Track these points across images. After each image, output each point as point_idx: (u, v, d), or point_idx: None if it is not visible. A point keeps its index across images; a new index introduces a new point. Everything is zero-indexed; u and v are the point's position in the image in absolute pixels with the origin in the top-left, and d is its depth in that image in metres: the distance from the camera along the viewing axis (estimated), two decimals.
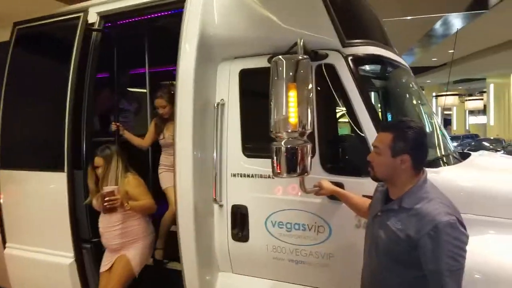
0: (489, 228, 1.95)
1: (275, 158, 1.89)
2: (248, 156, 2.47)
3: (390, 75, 2.68)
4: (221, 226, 2.55)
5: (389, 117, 2.78)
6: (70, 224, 2.80)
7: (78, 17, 2.91)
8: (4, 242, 3.18)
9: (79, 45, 2.83)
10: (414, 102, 2.95)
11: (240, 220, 2.49)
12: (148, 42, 3.57)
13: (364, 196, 2.07)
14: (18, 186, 3.09)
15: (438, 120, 2.99)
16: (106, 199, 2.52)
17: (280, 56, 1.88)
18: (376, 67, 2.58)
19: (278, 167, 1.89)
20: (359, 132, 2.19)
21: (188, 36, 2.46)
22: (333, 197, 2.19)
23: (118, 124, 3.26)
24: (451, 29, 9.52)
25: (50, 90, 3.03)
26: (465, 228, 1.53)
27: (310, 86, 1.91)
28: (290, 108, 1.86)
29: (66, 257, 2.86)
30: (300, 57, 1.90)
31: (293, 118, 1.86)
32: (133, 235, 2.79)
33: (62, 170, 2.79)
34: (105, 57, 3.14)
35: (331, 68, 2.28)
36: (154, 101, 3.23)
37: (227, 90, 2.56)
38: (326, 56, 2.29)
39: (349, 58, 2.27)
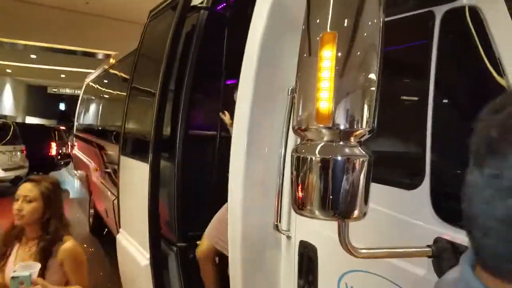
0: None
1: (295, 177, 0.99)
2: None
3: None
4: (288, 270, 1.74)
5: None
6: (148, 220, 2.53)
7: None
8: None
9: (175, 26, 2.50)
10: None
11: (307, 267, 1.62)
12: None
13: None
14: (125, 172, 3.08)
15: None
16: None
17: None
18: None
19: (300, 194, 0.98)
20: None
21: None
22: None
23: (225, 112, 2.78)
24: None
25: (151, 78, 2.87)
26: None
27: (378, 40, 0.93)
28: (322, 82, 0.93)
29: (144, 256, 2.62)
30: None
31: (325, 102, 0.92)
32: None
33: (146, 161, 2.56)
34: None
35: (473, 16, 1.14)
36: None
37: None
38: None
39: None
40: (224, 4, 2.73)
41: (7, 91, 24.53)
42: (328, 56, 0.92)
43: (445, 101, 1.21)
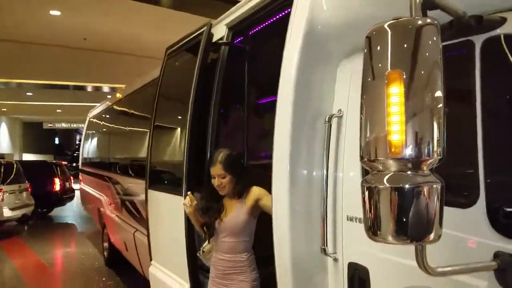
0: None
1: (368, 207, 1.07)
2: None
3: None
4: None
5: None
6: (186, 250, 2.56)
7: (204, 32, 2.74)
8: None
9: (200, 61, 2.62)
10: None
11: None
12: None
13: None
14: (155, 206, 3.13)
15: None
16: None
17: (382, 24, 1.06)
18: None
19: (375, 222, 1.05)
20: None
21: (293, 31, 1.86)
22: None
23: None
24: None
25: (177, 112, 2.96)
26: None
27: (439, 75, 1.02)
28: (392, 116, 1.01)
29: (182, 286, 2.64)
30: (420, 22, 1.03)
31: (397, 135, 1.00)
32: None
33: (177, 193, 2.62)
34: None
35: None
36: None
37: (347, 97, 1.81)
38: (503, 21, 1.27)
39: None
40: (241, 38, 2.84)
41: (3, 129, 24.52)
42: (396, 93, 1.00)
43: (493, 120, 1.30)
